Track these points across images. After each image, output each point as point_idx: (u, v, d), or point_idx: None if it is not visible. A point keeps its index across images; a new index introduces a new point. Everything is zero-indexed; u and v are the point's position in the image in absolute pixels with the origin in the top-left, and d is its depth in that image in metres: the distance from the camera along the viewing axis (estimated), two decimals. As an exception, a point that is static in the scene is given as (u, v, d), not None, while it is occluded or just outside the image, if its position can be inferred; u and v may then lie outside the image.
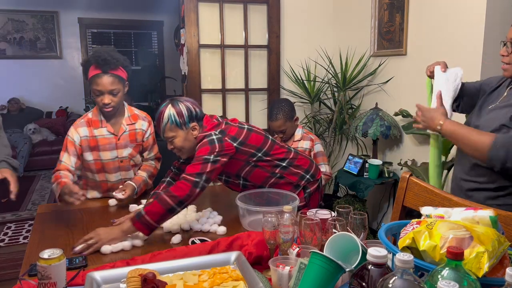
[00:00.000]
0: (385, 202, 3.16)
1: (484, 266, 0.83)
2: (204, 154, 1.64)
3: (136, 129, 2.03)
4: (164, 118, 1.72)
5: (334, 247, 1.05)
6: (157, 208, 1.50)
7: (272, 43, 3.36)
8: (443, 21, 2.54)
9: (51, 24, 6.47)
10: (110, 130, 1.97)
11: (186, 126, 1.72)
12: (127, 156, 2.02)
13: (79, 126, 1.95)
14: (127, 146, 2.01)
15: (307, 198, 1.91)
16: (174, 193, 1.53)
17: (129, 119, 2.02)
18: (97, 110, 1.98)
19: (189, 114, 1.72)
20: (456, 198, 1.34)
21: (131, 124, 2.02)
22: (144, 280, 0.97)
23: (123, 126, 2.00)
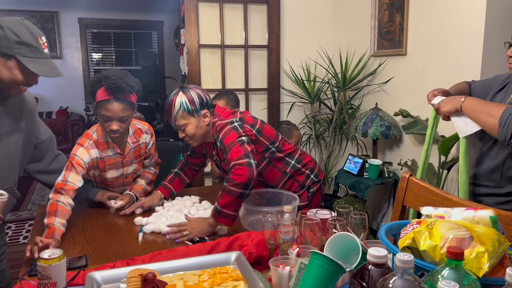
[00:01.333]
0: (385, 202, 3.16)
1: (484, 266, 0.83)
2: (235, 138, 1.66)
3: (140, 144, 1.97)
4: (176, 105, 1.71)
5: (334, 247, 1.05)
6: (228, 199, 1.56)
7: (272, 43, 3.36)
8: (443, 21, 2.54)
9: (51, 24, 6.47)
10: (117, 150, 1.89)
11: (197, 113, 1.73)
12: (132, 173, 2.00)
13: (90, 148, 1.82)
14: (132, 163, 1.97)
15: (309, 198, 1.92)
16: (236, 181, 1.56)
17: (134, 136, 1.94)
18: (101, 131, 1.86)
19: (200, 101, 1.73)
20: (456, 198, 1.34)
21: (136, 141, 1.95)
22: (144, 280, 0.97)
23: (129, 145, 1.92)
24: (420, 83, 2.76)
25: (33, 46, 1.35)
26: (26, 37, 1.33)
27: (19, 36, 1.32)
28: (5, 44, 1.32)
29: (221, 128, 1.73)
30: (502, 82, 1.60)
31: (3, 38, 1.32)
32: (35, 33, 1.36)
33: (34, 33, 1.36)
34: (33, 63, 1.35)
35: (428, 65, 2.68)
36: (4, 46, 1.33)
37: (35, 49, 1.36)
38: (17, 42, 1.33)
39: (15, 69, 1.36)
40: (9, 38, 1.32)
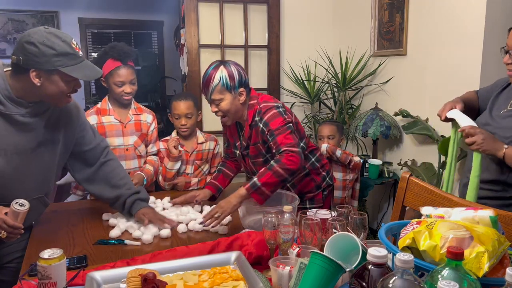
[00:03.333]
0: (385, 202, 3.16)
1: (484, 266, 0.83)
2: (282, 124, 1.68)
3: (141, 120, 2.17)
4: (215, 79, 1.70)
5: (334, 247, 1.05)
6: (272, 180, 1.59)
7: (272, 43, 3.36)
8: (443, 21, 2.54)
9: (51, 24, 6.46)
10: (117, 117, 2.10)
11: (235, 90, 1.73)
12: (133, 144, 2.12)
13: (89, 115, 2.06)
14: (132, 134, 2.13)
15: (323, 200, 1.94)
16: (288, 166, 1.60)
17: (135, 110, 2.17)
18: (106, 101, 2.12)
19: (239, 78, 1.73)
20: (456, 198, 1.34)
21: (137, 114, 2.16)
22: (144, 280, 0.97)
23: (129, 116, 2.13)
24: (420, 83, 2.76)
25: (70, 54, 1.34)
26: (61, 47, 1.32)
27: (55, 48, 1.31)
28: (44, 60, 1.30)
29: (266, 110, 1.72)
30: (502, 85, 1.62)
31: (40, 55, 1.30)
32: (67, 39, 1.35)
33: (66, 40, 1.34)
34: (76, 70, 1.35)
35: (428, 65, 2.68)
36: (44, 63, 1.31)
37: (73, 56, 1.35)
38: (55, 55, 1.31)
39: (60, 81, 1.36)
40: (46, 53, 1.30)
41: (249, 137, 1.81)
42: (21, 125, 1.41)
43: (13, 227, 1.32)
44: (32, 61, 1.31)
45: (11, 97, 1.37)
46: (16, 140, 1.42)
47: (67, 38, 1.35)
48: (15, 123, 1.40)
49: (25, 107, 1.40)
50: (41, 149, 1.49)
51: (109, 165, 1.73)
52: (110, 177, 1.71)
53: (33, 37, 1.31)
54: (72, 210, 1.87)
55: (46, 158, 1.52)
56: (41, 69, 1.32)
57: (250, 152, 1.84)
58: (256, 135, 1.77)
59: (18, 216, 1.33)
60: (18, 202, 1.33)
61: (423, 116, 2.72)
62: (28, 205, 1.35)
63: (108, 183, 1.71)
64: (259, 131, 1.74)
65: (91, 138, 1.68)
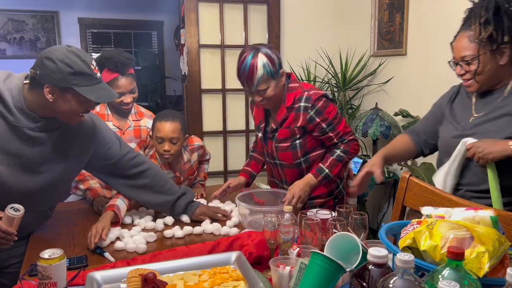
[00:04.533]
0: (385, 202, 3.16)
1: (485, 266, 0.83)
2: (336, 112, 1.77)
3: (141, 126, 2.07)
4: (259, 69, 1.63)
5: (334, 247, 1.05)
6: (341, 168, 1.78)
7: (272, 43, 3.35)
8: (443, 21, 2.53)
9: (51, 24, 6.46)
10: (116, 124, 2.01)
11: (277, 74, 1.69)
12: None
13: None
14: (131, 141, 2.03)
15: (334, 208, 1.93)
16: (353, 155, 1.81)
17: (135, 115, 2.07)
18: (104, 105, 2.02)
19: (278, 61, 1.71)
20: (456, 198, 1.34)
21: (137, 120, 2.06)
22: (144, 280, 0.97)
23: (129, 122, 2.04)
24: (420, 83, 2.76)
25: (87, 74, 1.33)
26: (79, 67, 1.31)
27: (73, 67, 1.30)
28: (60, 77, 1.30)
29: (318, 97, 1.72)
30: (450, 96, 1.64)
31: (57, 71, 1.29)
32: (87, 59, 1.34)
33: (85, 60, 1.33)
34: (90, 91, 1.34)
35: (428, 65, 2.68)
36: (59, 80, 1.30)
37: (89, 76, 1.34)
38: (71, 73, 1.30)
39: (72, 100, 1.35)
40: (63, 70, 1.29)
41: (283, 120, 1.77)
42: (30, 139, 1.39)
43: (6, 232, 1.29)
44: (48, 76, 1.30)
45: (23, 109, 1.36)
46: (23, 153, 1.40)
47: (87, 58, 1.34)
48: (24, 137, 1.38)
49: (35, 121, 1.39)
50: (48, 165, 1.46)
51: (146, 175, 1.68)
52: (150, 185, 1.68)
53: (53, 54, 1.31)
54: (72, 210, 1.87)
55: (53, 174, 1.49)
56: (55, 86, 1.32)
57: (278, 135, 1.80)
58: (294, 119, 1.74)
59: (13, 222, 1.30)
60: (13, 207, 1.30)
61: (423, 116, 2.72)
62: (23, 210, 1.31)
63: (150, 189, 1.68)
64: (305, 117, 1.72)
65: (116, 151, 1.62)
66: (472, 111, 1.52)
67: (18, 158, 1.40)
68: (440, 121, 1.64)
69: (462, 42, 1.46)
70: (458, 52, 1.48)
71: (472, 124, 1.49)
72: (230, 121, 3.36)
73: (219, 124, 3.33)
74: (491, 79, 1.44)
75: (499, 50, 1.39)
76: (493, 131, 1.42)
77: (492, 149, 1.32)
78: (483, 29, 1.38)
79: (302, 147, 1.80)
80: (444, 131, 1.59)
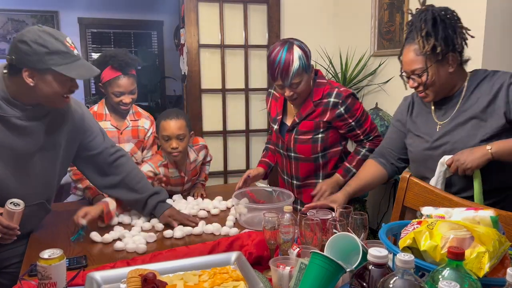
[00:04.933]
0: (385, 202, 3.16)
1: (485, 266, 0.83)
2: (363, 110, 1.81)
3: (139, 126, 2.08)
4: (295, 61, 1.63)
5: (334, 247, 1.05)
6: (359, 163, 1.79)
7: (272, 43, 3.35)
8: (443, 21, 2.53)
9: (51, 24, 6.45)
10: (114, 124, 2.02)
11: (310, 68, 1.71)
12: (129, 152, 2.04)
13: None
14: (129, 141, 2.05)
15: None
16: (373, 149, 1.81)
17: (133, 115, 2.08)
18: (102, 104, 2.04)
19: (310, 55, 1.73)
20: (457, 198, 1.34)
21: (134, 120, 2.08)
22: (144, 280, 0.97)
23: (127, 122, 2.05)
24: (420, 83, 2.75)
25: (64, 52, 1.31)
26: (54, 45, 1.29)
27: (47, 46, 1.28)
28: (36, 59, 1.28)
29: (348, 95, 1.75)
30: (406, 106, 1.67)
31: (32, 53, 1.27)
32: (61, 37, 1.32)
33: (59, 38, 1.31)
34: (70, 69, 1.31)
35: (428, 65, 2.67)
36: (36, 61, 1.28)
37: (66, 54, 1.31)
38: (47, 53, 1.28)
39: (54, 81, 1.33)
40: (38, 51, 1.27)
41: (308, 113, 1.78)
42: (18, 129, 1.38)
43: (8, 227, 1.29)
44: (24, 60, 1.28)
45: (7, 99, 1.35)
46: (13, 144, 1.39)
47: (60, 36, 1.32)
48: (12, 127, 1.37)
49: (21, 109, 1.37)
50: (40, 154, 1.46)
51: (123, 169, 1.69)
52: (125, 182, 1.68)
53: (26, 36, 1.28)
54: (72, 210, 1.86)
55: (46, 163, 1.49)
56: (33, 69, 1.29)
57: (300, 126, 1.81)
58: (321, 113, 1.77)
59: (13, 216, 1.30)
60: (13, 201, 1.30)
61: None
62: (23, 204, 1.32)
63: (125, 186, 1.68)
64: (334, 113, 1.75)
65: (99, 142, 1.64)
66: (435, 119, 1.53)
67: (9, 150, 1.39)
68: (405, 135, 1.65)
69: (409, 55, 1.48)
70: (407, 66, 1.50)
71: (441, 133, 1.49)
72: (230, 121, 3.36)
73: (219, 124, 3.33)
74: (444, 87, 1.47)
75: (445, 59, 1.42)
76: (463, 137, 1.43)
77: (472, 157, 1.34)
78: (426, 42, 1.40)
79: (323, 142, 1.81)
80: (413, 145, 1.59)
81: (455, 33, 1.41)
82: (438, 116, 1.53)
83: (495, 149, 1.32)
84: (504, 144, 1.33)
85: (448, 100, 1.51)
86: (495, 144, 1.34)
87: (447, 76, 1.45)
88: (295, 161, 1.88)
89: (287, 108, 1.90)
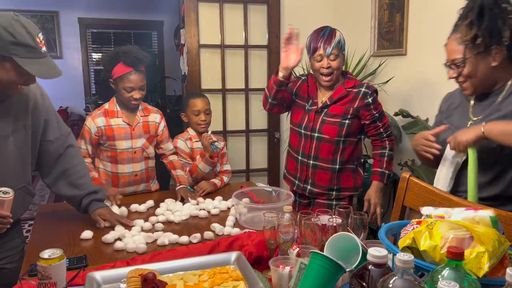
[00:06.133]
0: (385, 202, 3.16)
1: (485, 266, 0.83)
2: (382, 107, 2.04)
3: (149, 121, 2.14)
4: (337, 36, 1.94)
5: (334, 247, 1.05)
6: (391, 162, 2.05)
7: (272, 43, 3.35)
8: (443, 21, 2.53)
9: (51, 24, 6.46)
10: (126, 120, 2.06)
11: (344, 52, 1.99)
12: (141, 147, 2.10)
13: (97, 117, 2.04)
14: (141, 136, 2.10)
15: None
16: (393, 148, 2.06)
17: (143, 111, 2.14)
18: (113, 102, 2.08)
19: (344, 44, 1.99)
20: (456, 198, 1.34)
21: (145, 116, 2.13)
22: (144, 280, 0.97)
23: (138, 118, 2.10)
24: (420, 83, 2.75)
25: (30, 46, 1.29)
26: (22, 37, 1.28)
27: (15, 36, 1.27)
28: (1, 44, 1.27)
29: (375, 90, 2.00)
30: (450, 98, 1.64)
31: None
32: (32, 32, 1.30)
33: (31, 32, 1.30)
34: (31, 64, 1.30)
35: (428, 65, 2.67)
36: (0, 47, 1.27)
37: (32, 49, 1.30)
38: (13, 43, 1.27)
39: (11, 70, 1.31)
40: (4, 38, 1.26)
41: (340, 98, 1.98)
42: None
43: (1, 216, 1.30)
44: None
45: None
46: None
47: (33, 30, 1.31)
48: None
49: None
50: (12, 137, 1.45)
51: (69, 161, 1.67)
52: (69, 174, 1.67)
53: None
54: (72, 210, 1.86)
55: (19, 144, 1.48)
56: None
57: (330, 109, 1.98)
58: (351, 100, 1.97)
59: (4, 205, 1.31)
60: (2, 190, 1.30)
61: (423, 116, 2.72)
62: (13, 192, 1.32)
63: (66, 180, 1.67)
64: (363, 101, 1.96)
65: (55, 127, 1.63)
66: (470, 115, 1.49)
67: None
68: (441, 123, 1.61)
69: (451, 44, 1.44)
70: (449, 55, 1.46)
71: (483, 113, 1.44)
72: (230, 121, 3.36)
73: (219, 124, 3.33)
74: (485, 82, 1.41)
75: (488, 52, 1.35)
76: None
77: (465, 133, 1.33)
78: (468, 31, 1.35)
79: (348, 127, 1.98)
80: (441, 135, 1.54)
81: (504, 25, 1.32)
82: (474, 112, 1.47)
83: (488, 127, 1.28)
84: (498, 124, 1.29)
85: (487, 98, 1.44)
86: (490, 123, 1.31)
87: (488, 70, 1.37)
88: (317, 141, 2.01)
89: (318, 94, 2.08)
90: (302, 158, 2.06)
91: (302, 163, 2.07)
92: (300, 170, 2.08)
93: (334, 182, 2.03)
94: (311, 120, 2.02)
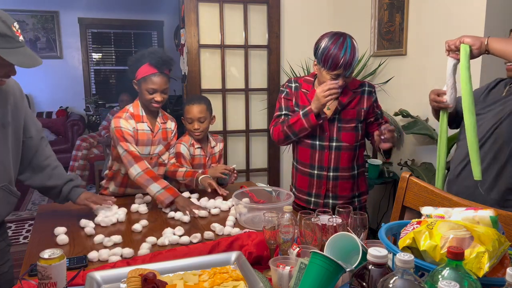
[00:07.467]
0: (385, 202, 3.16)
1: (485, 266, 0.83)
2: None
3: (167, 128, 2.13)
4: (356, 52, 1.77)
5: (334, 247, 1.05)
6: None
7: (272, 43, 3.36)
8: (443, 21, 2.53)
9: (51, 24, 6.46)
10: (150, 126, 2.03)
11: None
12: (157, 153, 2.08)
13: (128, 119, 1.97)
14: (160, 143, 2.08)
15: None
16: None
17: (162, 118, 2.11)
18: (138, 106, 2.03)
19: None
20: (456, 198, 1.34)
21: (163, 123, 2.11)
22: (144, 280, 0.97)
23: (158, 124, 2.08)
24: (420, 83, 2.75)
25: (7, 36, 1.25)
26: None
27: None
28: None
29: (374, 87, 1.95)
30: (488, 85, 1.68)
31: None
32: (7, 21, 1.26)
33: (6, 21, 1.25)
34: (11, 54, 1.25)
35: (428, 65, 2.68)
36: None
37: (10, 39, 1.25)
38: None
39: None
40: None
41: (349, 101, 1.86)
42: None
43: None
44: None
45: None
46: None
47: (8, 19, 1.27)
48: None
49: None
50: None
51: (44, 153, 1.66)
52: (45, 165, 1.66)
53: None
54: (72, 210, 1.86)
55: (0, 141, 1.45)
56: None
57: (343, 115, 1.86)
58: (359, 101, 1.88)
59: None
60: None
61: (423, 116, 2.72)
62: None
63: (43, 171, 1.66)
64: (370, 100, 1.89)
65: (33, 122, 1.62)
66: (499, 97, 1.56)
67: None
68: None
69: None
70: None
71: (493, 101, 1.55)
72: (230, 121, 3.37)
73: (219, 124, 3.33)
74: None
75: None
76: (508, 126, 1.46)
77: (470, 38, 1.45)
78: None
79: (362, 131, 1.92)
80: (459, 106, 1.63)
81: None
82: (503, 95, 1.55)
83: (493, 38, 1.39)
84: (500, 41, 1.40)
85: None
86: (493, 38, 1.42)
87: None
88: (336, 151, 1.86)
89: None
90: (319, 172, 1.89)
91: (319, 177, 1.89)
92: (317, 186, 1.90)
93: (355, 189, 1.94)
94: (325, 129, 1.85)
